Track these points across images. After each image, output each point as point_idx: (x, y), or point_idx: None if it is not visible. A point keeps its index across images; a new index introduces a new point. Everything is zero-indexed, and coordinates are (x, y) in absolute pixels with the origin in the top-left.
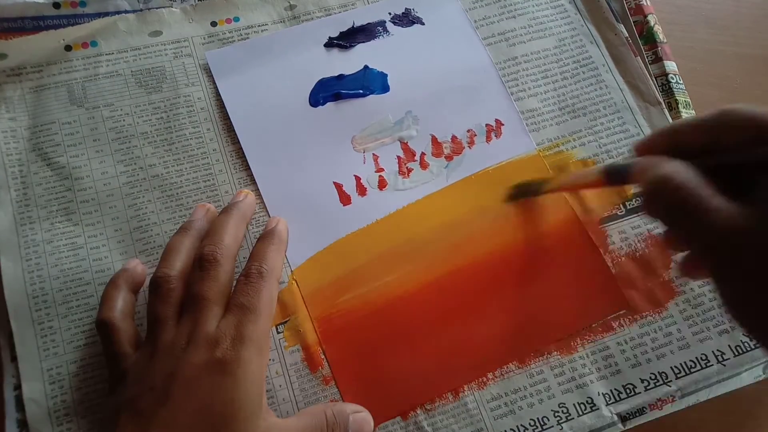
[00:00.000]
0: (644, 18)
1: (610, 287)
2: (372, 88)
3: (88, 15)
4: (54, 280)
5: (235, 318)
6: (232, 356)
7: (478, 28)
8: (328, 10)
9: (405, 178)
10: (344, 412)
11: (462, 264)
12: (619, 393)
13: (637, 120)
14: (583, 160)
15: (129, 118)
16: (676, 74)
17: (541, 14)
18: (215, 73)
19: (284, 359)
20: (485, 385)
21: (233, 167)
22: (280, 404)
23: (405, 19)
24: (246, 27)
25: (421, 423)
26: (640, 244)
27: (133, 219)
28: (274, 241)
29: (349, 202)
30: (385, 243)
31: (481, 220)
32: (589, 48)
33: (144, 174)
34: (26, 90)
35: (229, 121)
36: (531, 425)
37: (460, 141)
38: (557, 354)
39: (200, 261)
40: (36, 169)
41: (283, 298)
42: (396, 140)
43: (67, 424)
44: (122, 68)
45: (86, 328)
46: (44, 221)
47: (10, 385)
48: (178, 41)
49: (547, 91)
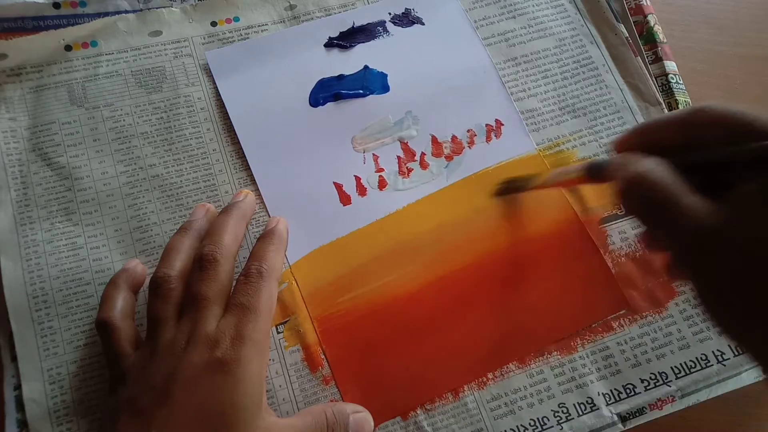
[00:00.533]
0: (644, 18)
1: (610, 287)
2: (372, 88)
3: (88, 15)
4: (54, 280)
5: (234, 318)
6: (232, 356)
7: (478, 28)
8: (328, 10)
9: (405, 178)
10: (344, 412)
11: (462, 264)
12: (619, 393)
13: (636, 120)
14: (583, 159)
15: (129, 118)
16: (676, 74)
17: (541, 14)
18: (215, 73)
19: (284, 359)
20: (485, 385)
21: (233, 167)
22: (280, 404)
23: (405, 19)
24: (246, 27)
25: (421, 423)
26: (640, 244)
27: (133, 219)
28: (274, 240)
29: (349, 202)
30: (385, 243)
31: (482, 219)
32: (589, 48)
33: (144, 174)
34: (26, 90)
35: (229, 121)
36: (531, 425)
37: (460, 141)
38: (557, 354)
39: (200, 261)
40: (36, 169)
41: (283, 298)
42: (396, 140)
43: (67, 424)
44: (122, 68)
45: (86, 328)
46: (44, 221)
47: (10, 385)
48: (178, 41)
49: (547, 91)
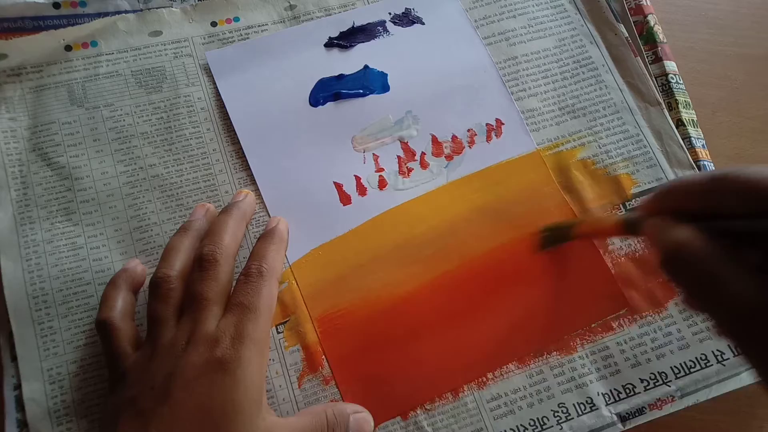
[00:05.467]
0: (644, 18)
1: (609, 287)
2: (372, 88)
3: (88, 15)
4: (54, 280)
5: (234, 317)
6: (232, 355)
7: (478, 28)
8: (328, 10)
9: (405, 178)
10: (345, 412)
11: (462, 263)
12: (618, 393)
13: (636, 120)
14: (583, 160)
15: (129, 118)
16: (676, 74)
17: (541, 14)
18: (215, 73)
19: (284, 359)
20: (485, 385)
21: (233, 167)
22: (280, 404)
23: (405, 19)
24: (246, 27)
25: (421, 423)
26: (639, 245)
27: (133, 219)
28: (274, 240)
29: (350, 201)
30: (385, 243)
31: (482, 219)
32: (589, 48)
33: (144, 174)
34: (26, 90)
35: (229, 121)
36: (531, 425)
37: (461, 140)
38: (557, 354)
39: (200, 261)
40: (36, 169)
41: (283, 298)
42: (396, 140)
43: (67, 424)
44: (122, 68)
45: (86, 328)
46: (44, 221)
47: (10, 385)
48: (178, 41)
49: (547, 91)
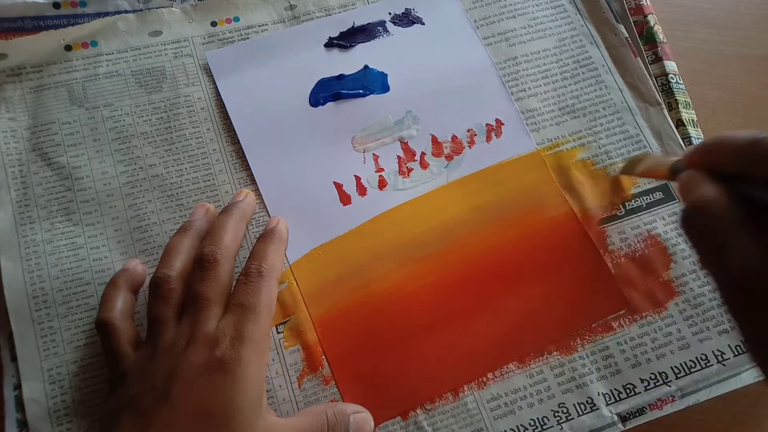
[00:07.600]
0: (644, 18)
1: (609, 287)
2: (372, 88)
3: (88, 15)
4: (54, 280)
5: (234, 317)
6: (232, 355)
7: (478, 28)
8: (328, 10)
9: (405, 178)
10: (345, 412)
11: (462, 263)
12: (619, 393)
13: (636, 120)
14: (582, 160)
15: (129, 118)
16: (676, 74)
17: (541, 14)
18: (215, 73)
19: (284, 359)
20: (485, 385)
21: (233, 167)
22: (280, 404)
23: (405, 19)
24: (246, 27)
25: (421, 423)
26: (639, 245)
27: (133, 219)
28: (274, 240)
29: (349, 201)
30: (385, 243)
31: (482, 219)
32: (588, 48)
33: (144, 174)
34: (26, 90)
35: (229, 121)
36: (531, 425)
37: (461, 141)
38: (557, 354)
39: (200, 261)
40: (36, 169)
41: (283, 298)
42: (396, 140)
43: (67, 424)
44: (122, 68)
45: (86, 328)
46: (44, 221)
47: (10, 385)
48: (178, 41)
49: (547, 91)
